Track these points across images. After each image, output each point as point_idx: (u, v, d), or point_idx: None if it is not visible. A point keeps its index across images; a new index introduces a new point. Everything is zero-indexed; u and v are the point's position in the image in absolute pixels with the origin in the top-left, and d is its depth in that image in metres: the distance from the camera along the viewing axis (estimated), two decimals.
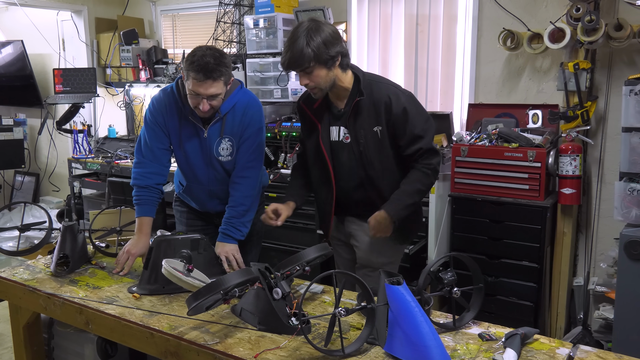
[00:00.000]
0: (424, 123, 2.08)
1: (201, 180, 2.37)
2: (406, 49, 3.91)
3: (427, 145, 2.08)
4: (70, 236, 2.20)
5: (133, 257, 2.21)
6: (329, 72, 1.97)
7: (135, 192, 2.31)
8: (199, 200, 2.46)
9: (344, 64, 2.01)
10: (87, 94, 4.90)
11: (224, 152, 2.29)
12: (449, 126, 3.55)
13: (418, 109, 2.09)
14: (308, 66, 1.93)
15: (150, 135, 2.30)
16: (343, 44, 1.99)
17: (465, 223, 3.18)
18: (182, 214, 2.57)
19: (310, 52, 1.89)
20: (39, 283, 2.08)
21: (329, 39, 1.91)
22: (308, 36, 1.88)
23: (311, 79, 1.97)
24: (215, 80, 2.06)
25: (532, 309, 3.03)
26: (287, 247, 3.69)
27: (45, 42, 5.31)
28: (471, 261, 1.74)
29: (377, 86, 2.06)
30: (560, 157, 3.05)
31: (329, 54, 1.91)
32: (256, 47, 4.05)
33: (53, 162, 5.71)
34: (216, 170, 2.33)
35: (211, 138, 2.27)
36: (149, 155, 2.31)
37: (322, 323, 1.72)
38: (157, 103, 2.30)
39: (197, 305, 1.60)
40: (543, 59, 3.37)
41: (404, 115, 2.03)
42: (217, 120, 2.24)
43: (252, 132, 2.27)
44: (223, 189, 2.35)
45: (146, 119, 2.33)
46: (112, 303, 1.89)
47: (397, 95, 2.05)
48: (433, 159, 2.10)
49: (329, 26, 1.96)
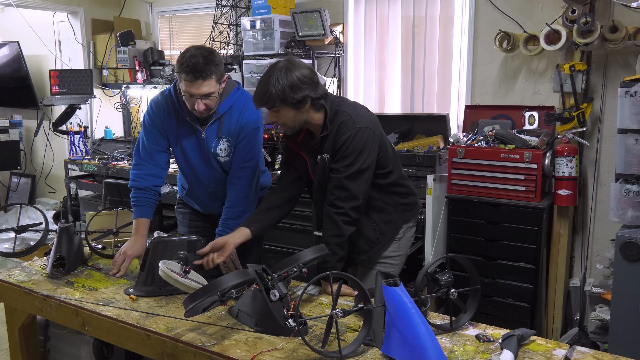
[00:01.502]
0: (352, 158, 1.95)
1: (202, 181, 2.38)
2: (403, 50, 3.91)
3: (339, 183, 1.95)
4: (66, 238, 2.19)
5: (130, 258, 2.20)
6: (297, 113, 1.96)
7: (133, 193, 2.30)
8: (202, 202, 2.47)
9: (316, 105, 1.98)
10: (83, 95, 4.88)
11: (222, 153, 2.29)
12: (445, 128, 3.56)
13: (358, 144, 1.96)
14: (273, 106, 1.94)
15: (148, 137, 2.31)
16: (315, 86, 1.95)
17: (462, 224, 3.18)
18: (184, 215, 2.57)
19: (275, 94, 1.90)
20: (35, 285, 2.07)
21: (296, 84, 1.89)
22: (277, 78, 1.90)
23: (278, 118, 1.98)
24: (205, 79, 2.07)
25: (529, 310, 3.04)
26: (284, 248, 3.69)
27: (42, 43, 5.30)
28: (468, 262, 1.75)
29: (338, 115, 2.00)
30: (557, 158, 3.06)
31: (295, 98, 1.90)
32: (253, 49, 4.05)
33: (49, 164, 5.69)
34: (216, 171, 2.34)
35: (209, 138, 2.27)
36: (147, 158, 2.31)
37: (319, 325, 1.72)
38: (155, 106, 2.31)
39: (194, 307, 1.60)
40: (539, 61, 3.38)
41: (342, 145, 1.97)
42: (215, 121, 2.25)
43: (248, 132, 2.27)
44: (224, 190, 2.35)
45: (144, 122, 2.34)
46: (109, 305, 1.88)
47: (347, 125, 1.98)
48: (346, 203, 1.95)
49: (302, 69, 1.93)
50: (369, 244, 2.14)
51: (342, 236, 1.98)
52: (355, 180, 1.96)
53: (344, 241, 1.99)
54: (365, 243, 2.14)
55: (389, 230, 2.16)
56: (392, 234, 2.17)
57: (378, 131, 2.04)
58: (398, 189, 2.16)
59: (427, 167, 3.28)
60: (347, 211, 1.96)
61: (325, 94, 2.01)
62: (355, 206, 1.98)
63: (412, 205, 2.24)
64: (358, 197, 1.97)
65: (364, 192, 2.00)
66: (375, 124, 2.05)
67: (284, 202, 2.17)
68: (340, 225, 1.97)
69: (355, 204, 1.97)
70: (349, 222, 1.98)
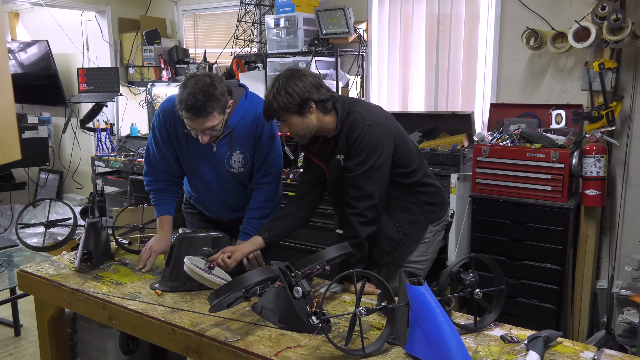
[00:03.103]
0: (364, 156, 1.94)
1: (213, 191, 2.32)
2: (427, 48, 3.89)
3: (353, 182, 1.95)
4: (94, 233, 2.23)
5: (155, 254, 2.23)
6: (303, 119, 1.96)
7: (151, 195, 2.32)
8: (210, 209, 2.43)
9: (324, 108, 1.98)
10: (110, 93, 4.97)
11: (236, 165, 2.23)
12: (470, 126, 3.52)
13: (370, 140, 1.94)
14: (279, 117, 1.97)
15: (156, 147, 2.27)
16: (318, 89, 1.95)
17: (486, 224, 3.15)
18: (192, 216, 2.54)
19: (277, 105, 1.93)
20: (64, 278, 2.12)
21: (295, 90, 1.91)
22: (276, 89, 1.93)
23: (288, 127, 2.00)
24: (206, 117, 1.97)
25: (554, 311, 2.99)
26: (306, 246, 3.70)
27: (70, 42, 5.41)
28: (493, 262, 1.73)
29: (349, 115, 1.99)
30: (584, 158, 3.00)
31: (296, 103, 1.92)
32: (277, 47, 4.06)
33: (76, 160, 5.80)
34: (228, 182, 2.28)
35: (221, 153, 2.20)
36: (159, 166, 2.29)
37: (342, 322, 1.72)
38: (162, 115, 2.22)
39: (219, 303, 1.61)
40: (567, 59, 3.33)
41: (353, 143, 1.96)
42: (226, 135, 2.16)
43: (264, 141, 2.21)
44: (235, 199, 2.32)
45: (153, 130, 2.27)
46: (135, 299, 1.91)
47: (358, 122, 1.96)
48: (361, 202, 1.95)
49: (302, 76, 1.94)
50: (391, 245, 2.11)
51: (357, 237, 1.95)
52: (369, 179, 1.95)
53: (360, 242, 1.96)
54: (387, 244, 2.11)
55: (414, 231, 2.13)
56: (417, 235, 2.14)
57: (393, 128, 2.02)
58: (424, 188, 2.13)
59: (451, 166, 3.26)
60: (363, 211, 1.94)
61: (333, 96, 2.00)
62: (371, 205, 1.95)
63: (439, 206, 2.20)
64: (373, 196, 1.95)
65: (380, 190, 1.97)
66: (388, 120, 2.02)
67: (300, 209, 2.15)
68: (355, 226, 1.95)
69: (371, 203, 1.95)
70: (364, 222, 1.95)
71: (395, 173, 2.03)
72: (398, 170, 2.03)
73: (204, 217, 2.52)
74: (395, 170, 2.02)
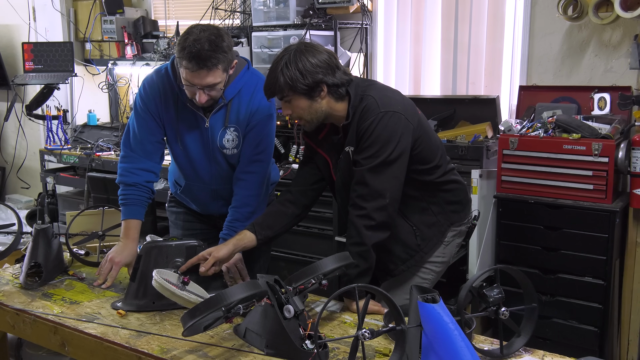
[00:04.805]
0: (376, 148, 1.95)
1: (203, 178, 2.39)
2: (444, 20, 3.90)
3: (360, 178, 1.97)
4: (43, 241, 2.23)
5: (118, 266, 2.23)
6: (312, 103, 1.97)
7: (122, 190, 2.33)
8: (200, 201, 2.48)
9: (336, 94, 1.99)
10: (62, 73, 4.95)
11: (229, 144, 2.30)
12: (495, 113, 3.54)
13: (383, 130, 1.96)
14: (283, 95, 1.98)
15: (140, 125, 2.32)
16: (333, 71, 1.96)
17: (514, 230, 3.16)
18: (178, 215, 2.59)
19: (283, 81, 1.93)
20: (6, 297, 2.12)
21: (309, 69, 1.92)
22: (285, 63, 1.93)
23: (292, 109, 2.01)
24: (210, 69, 2.05)
25: (597, 334, 3.01)
26: (300, 256, 3.71)
27: (13, 11, 5.38)
28: (522, 276, 1.74)
29: (362, 101, 2.01)
30: (633, 150, 3.01)
31: (306, 85, 1.92)
32: (264, 18, 4.07)
33: (22, 154, 5.79)
34: (220, 166, 2.35)
35: (214, 128, 2.27)
36: (139, 150, 2.33)
37: (342, 347, 1.73)
38: (149, 87, 2.30)
39: (194, 325, 1.62)
40: (612, 31, 3.34)
41: (364, 133, 1.97)
42: (221, 108, 2.25)
43: (260, 119, 2.28)
44: (228, 188, 2.37)
45: (136, 106, 2.34)
46: (93, 321, 1.91)
47: (371, 109, 1.98)
48: (369, 202, 1.95)
49: (317, 53, 1.95)
50: (408, 252, 2.13)
51: (362, 244, 1.95)
52: (379, 175, 1.95)
53: (365, 251, 1.96)
54: (403, 251, 2.12)
55: (433, 234, 2.15)
56: (436, 238, 2.15)
57: (413, 117, 2.03)
58: (447, 186, 2.15)
59: (472, 161, 3.27)
60: (370, 212, 1.95)
61: (348, 81, 2.01)
62: (381, 206, 1.95)
63: (462, 205, 2.22)
64: (384, 195, 1.95)
65: (393, 189, 1.98)
66: (407, 108, 2.03)
67: (299, 205, 2.18)
68: (361, 230, 1.95)
69: (381, 203, 1.95)
70: (372, 227, 1.95)
71: (413, 170, 2.04)
72: (416, 166, 2.04)
73: (192, 215, 2.56)
74: (412, 167, 2.03)
